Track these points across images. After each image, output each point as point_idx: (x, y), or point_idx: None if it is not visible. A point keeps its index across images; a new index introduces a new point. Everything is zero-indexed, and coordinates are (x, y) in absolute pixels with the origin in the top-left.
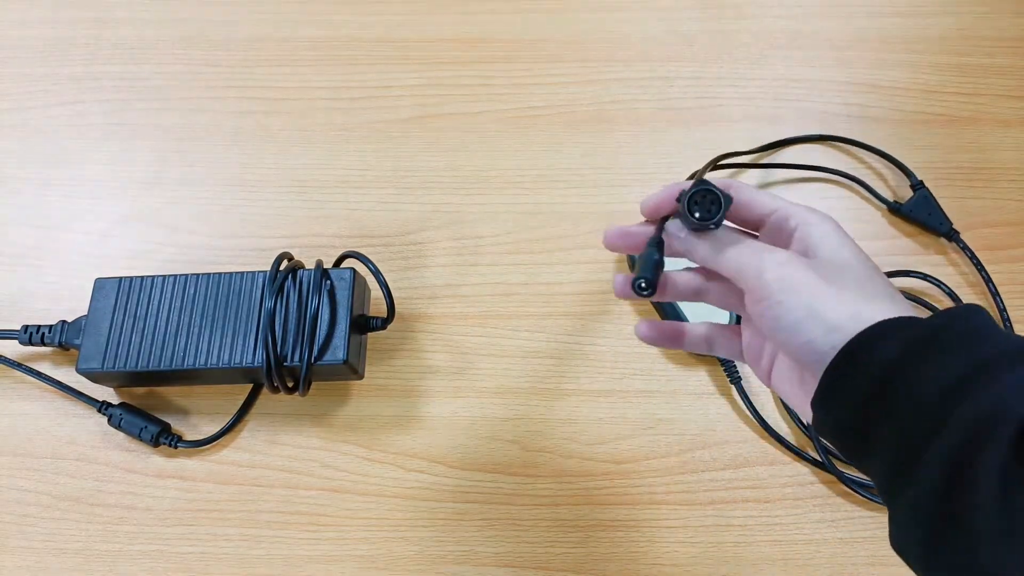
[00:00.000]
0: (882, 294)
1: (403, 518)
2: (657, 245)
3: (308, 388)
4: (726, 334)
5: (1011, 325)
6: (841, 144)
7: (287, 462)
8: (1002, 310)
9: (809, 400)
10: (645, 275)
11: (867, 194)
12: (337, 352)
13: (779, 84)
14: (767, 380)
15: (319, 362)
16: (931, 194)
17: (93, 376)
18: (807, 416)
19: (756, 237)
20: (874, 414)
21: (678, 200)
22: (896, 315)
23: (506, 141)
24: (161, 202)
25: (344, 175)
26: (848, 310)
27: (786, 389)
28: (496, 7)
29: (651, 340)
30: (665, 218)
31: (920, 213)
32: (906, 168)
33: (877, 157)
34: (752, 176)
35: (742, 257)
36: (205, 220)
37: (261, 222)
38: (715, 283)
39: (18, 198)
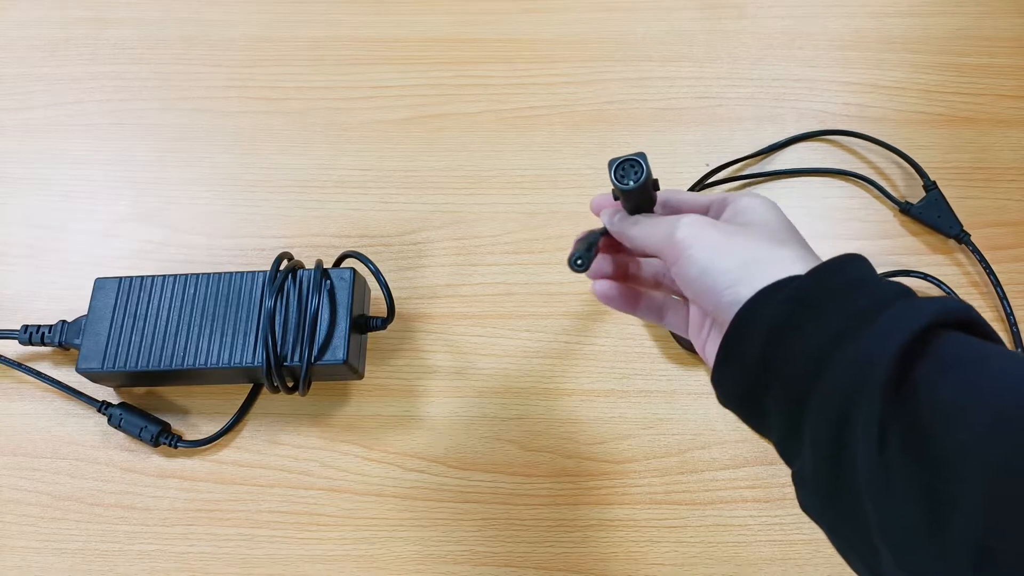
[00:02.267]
0: (786, 242)
1: (403, 518)
2: (602, 231)
3: (308, 388)
4: (676, 306)
5: (1016, 326)
6: (853, 140)
7: (287, 462)
8: (1009, 313)
9: None
10: (578, 252)
11: (878, 193)
12: (337, 352)
13: (779, 84)
14: (703, 354)
15: (319, 362)
16: (943, 196)
17: (93, 376)
18: None
19: None
20: (764, 380)
21: (609, 168)
22: (794, 263)
23: (506, 141)
24: (161, 202)
25: (344, 175)
26: (743, 256)
27: (711, 356)
28: (496, 7)
29: (608, 299)
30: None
31: (930, 215)
32: (920, 168)
33: (887, 156)
34: (761, 187)
35: (658, 228)
36: (205, 220)
37: (261, 222)
38: (671, 301)
39: (18, 198)
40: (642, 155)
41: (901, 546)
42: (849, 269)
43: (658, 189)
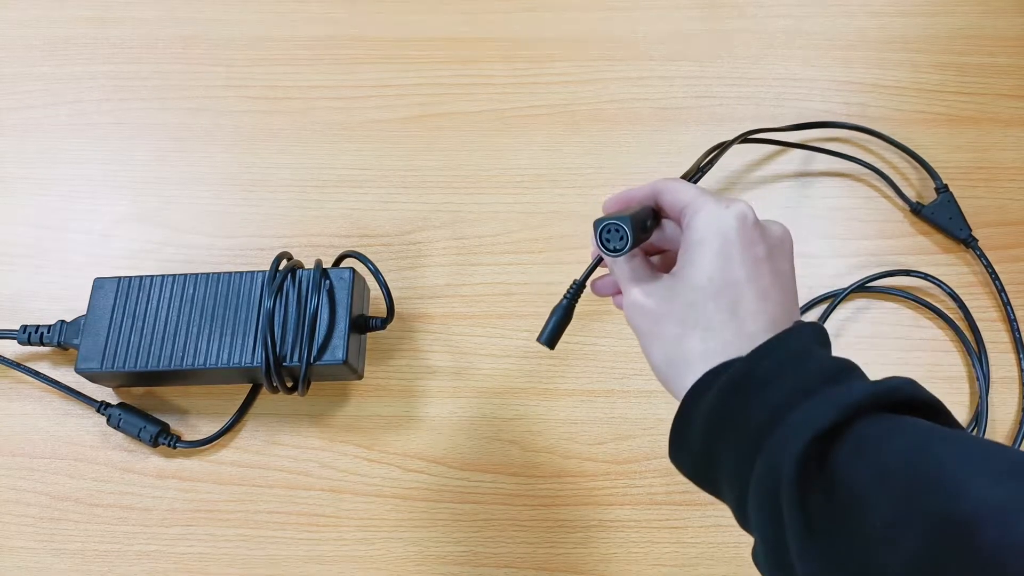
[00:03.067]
0: (697, 326)
1: (402, 518)
2: (573, 293)
3: (307, 388)
4: None
5: (1017, 325)
6: (865, 137)
7: (286, 462)
8: (1012, 317)
9: None
10: (542, 338)
11: (890, 191)
12: (336, 352)
13: (779, 84)
14: None
15: (318, 362)
16: (954, 198)
17: (92, 376)
18: None
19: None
20: (710, 462)
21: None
22: (707, 360)
23: (506, 141)
24: (161, 202)
25: (344, 175)
26: (662, 356)
27: None
28: (496, 7)
29: (602, 291)
30: (594, 265)
31: (941, 217)
32: (932, 169)
33: (895, 155)
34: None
35: (620, 284)
36: (205, 220)
37: (261, 222)
38: None
39: (18, 198)
40: (626, 220)
41: None
42: (782, 352)
43: (658, 223)
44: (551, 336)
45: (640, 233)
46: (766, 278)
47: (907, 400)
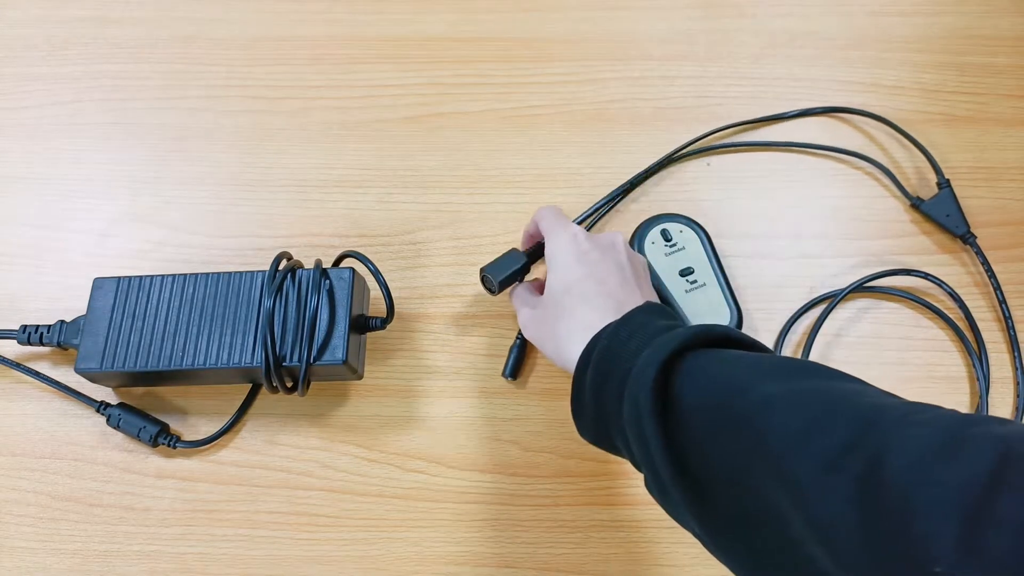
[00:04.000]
0: (562, 317)
1: (402, 518)
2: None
3: (307, 388)
4: None
5: (1014, 328)
6: (864, 134)
7: (286, 462)
8: (1007, 316)
9: None
10: (506, 374)
11: (891, 185)
12: (336, 352)
13: (780, 83)
14: None
15: (318, 362)
16: (954, 194)
17: (92, 376)
18: None
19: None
20: (601, 421)
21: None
22: (579, 322)
23: (506, 140)
24: (160, 202)
25: (344, 175)
26: (552, 345)
27: None
28: (496, 6)
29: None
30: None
31: (939, 212)
32: (936, 164)
33: (898, 149)
34: (781, 157)
35: (515, 308)
36: (204, 220)
37: (260, 222)
38: None
39: (17, 198)
40: (494, 271)
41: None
42: (633, 323)
43: (528, 271)
44: (514, 368)
45: (508, 281)
46: (602, 272)
47: (722, 337)
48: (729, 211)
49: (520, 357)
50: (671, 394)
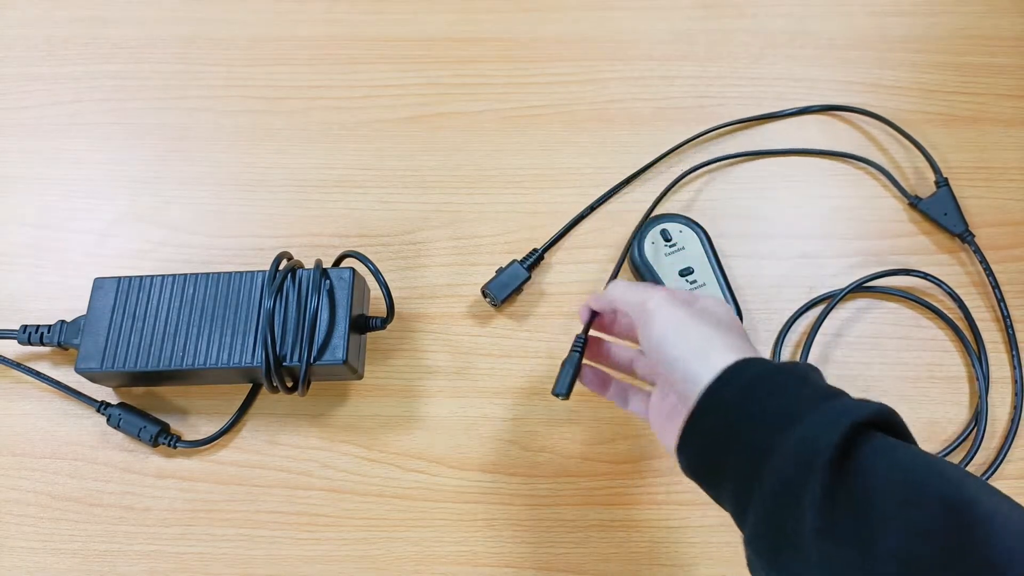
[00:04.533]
0: (736, 335)
1: (402, 518)
2: (580, 346)
3: (307, 388)
4: (639, 395)
5: (1012, 328)
6: (863, 133)
7: (286, 462)
8: (1006, 316)
9: (674, 430)
10: (560, 391)
11: (889, 185)
12: (336, 352)
13: (780, 83)
14: (661, 437)
15: (318, 362)
16: (952, 193)
17: (92, 376)
18: (672, 446)
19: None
20: (723, 450)
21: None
22: (742, 350)
23: (506, 140)
24: (160, 202)
25: (344, 175)
26: (699, 334)
27: (660, 425)
28: (496, 7)
29: (588, 383)
30: (590, 321)
31: (938, 211)
32: (934, 162)
33: (897, 148)
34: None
35: (634, 294)
36: (204, 220)
37: (260, 222)
38: (635, 390)
39: (17, 198)
40: (561, 388)
41: None
42: (797, 369)
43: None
44: (568, 386)
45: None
46: (721, 309)
47: (896, 424)
48: (729, 211)
49: (577, 373)
50: (852, 463)
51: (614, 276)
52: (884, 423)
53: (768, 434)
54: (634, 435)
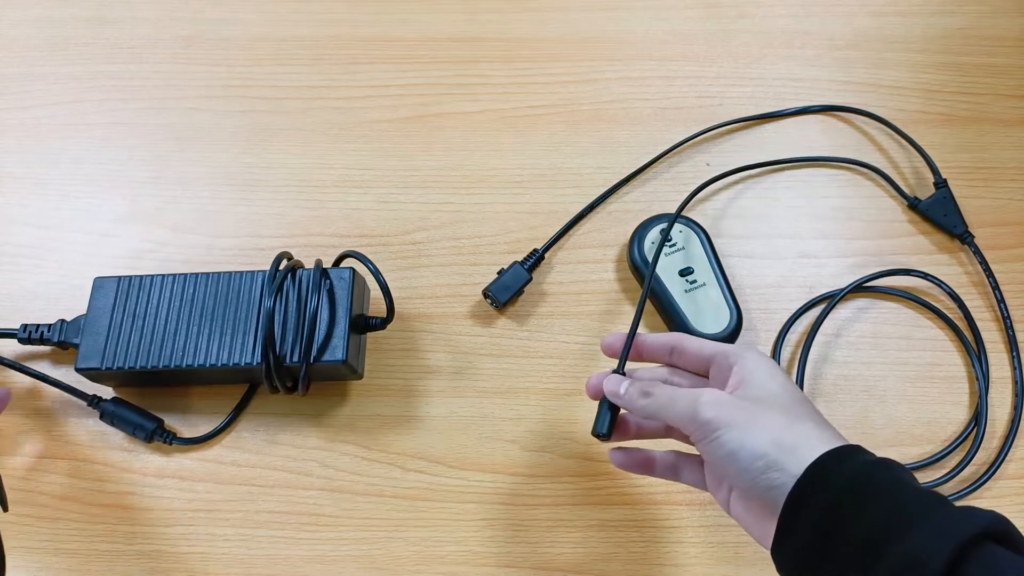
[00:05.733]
0: (803, 417)
1: (402, 518)
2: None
3: (307, 388)
4: (691, 464)
5: (1012, 328)
6: (863, 133)
7: (286, 462)
8: (1006, 316)
9: (762, 531)
10: (600, 431)
11: (888, 187)
12: (336, 352)
13: (780, 83)
14: (727, 509)
15: (318, 362)
16: (952, 194)
17: (92, 375)
18: (763, 541)
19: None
20: (816, 564)
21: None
22: (821, 442)
23: (506, 140)
24: (160, 202)
25: (344, 175)
26: (770, 436)
27: (742, 518)
28: (496, 7)
29: (624, 466)
30: (625, 354)
31: (937, 212)
32: (933, 163)
33: (897, 150)
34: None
35: (679, 404)
36: (204, 220)
37: (260, 222)
38: (684, 459)
39: (17, 197)
40: (601, 428)
41: None
42: (893, 467)
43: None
44: (608, 425)
45: (513, 299)
46: (774, 401)
47: (1005, 533)
48: (729, 211)
49: (615, 415)
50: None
51: (635, 327)
52: (998, 534)
53: (865, 548)
54: None
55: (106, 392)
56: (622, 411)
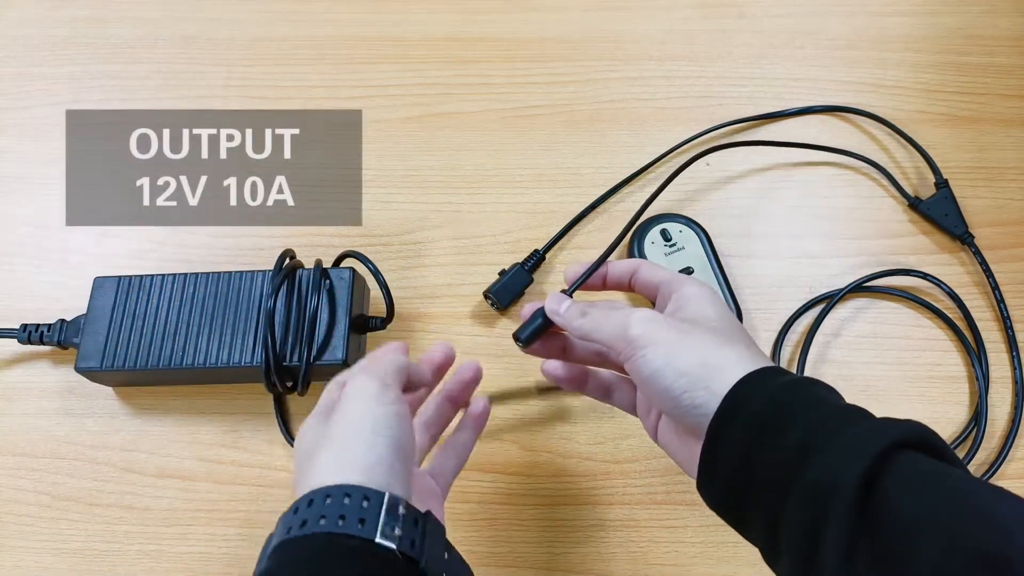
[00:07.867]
0: (735, 341)
1: None
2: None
3: (307, 388)
4: (624, 386)
5: (1012, 329)
6: (864, 133)
7: (286, 462)
8: (1006, 316)
9: (687, 455)
10: (519, 334)
11: (889, 186)
12: (336, 352)
13: (780, 83)
14: (654, 436)
15: (318, 362)
16: (953, 194)
17: (92, 375)
18: (689, 470)
19: (652, 305)
20: (742, 491)
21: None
22: (743, 363)
23: (506, 140)
24: (161, 201)
25: (344, 175)
26: (698, 355)
27: (669, 443)
28: (496, 7)
29: (557, 378)
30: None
31: (938, 212)
32: (934, 163)
33: (898, 150)
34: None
35: (610, 323)
36: (205, 220)
37: (260, 221)
38: (619, 381)
39: (18, 197)
40: (523, 337)
41: None
42: (813, 384)
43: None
44: (530, 335)
45: (514, 301)
46: (706, 325)
47: (927, 443)
48: (728, 211)
49: (542, 329)
50: (877, 494)
51: (602, 258)
52: (915, 442)
53: (785, 472)
54: (633, 435)
55: (106, 390)
56: (568, 339)
